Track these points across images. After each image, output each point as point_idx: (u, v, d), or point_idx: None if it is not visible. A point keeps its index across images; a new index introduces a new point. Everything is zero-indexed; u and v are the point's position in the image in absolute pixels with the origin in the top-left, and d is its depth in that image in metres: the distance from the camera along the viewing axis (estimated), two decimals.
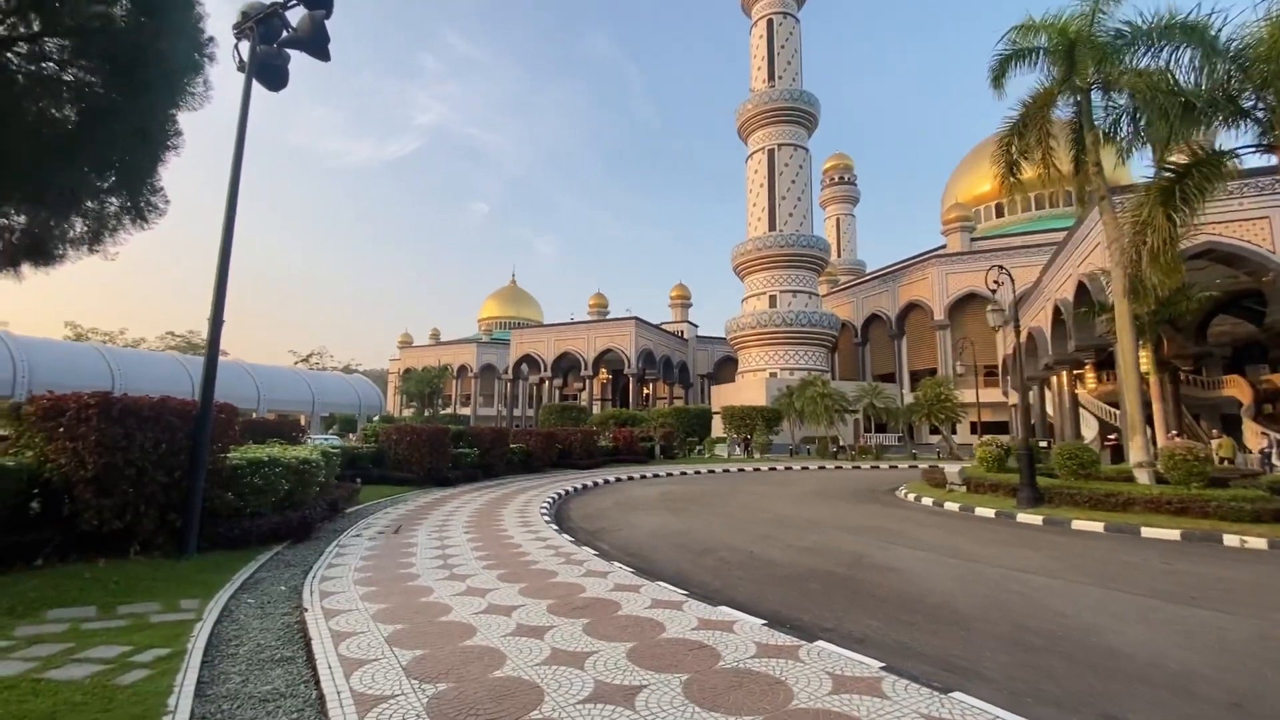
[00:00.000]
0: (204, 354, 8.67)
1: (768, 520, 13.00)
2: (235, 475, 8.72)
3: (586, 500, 16.78)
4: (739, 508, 15.21)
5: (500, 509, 13.52)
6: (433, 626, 5.35)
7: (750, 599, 6.78)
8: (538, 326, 74.24)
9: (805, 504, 16.08)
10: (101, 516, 6.98)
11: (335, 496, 12.31)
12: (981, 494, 15.79)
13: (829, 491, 19.43)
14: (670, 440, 36.16)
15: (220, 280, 8.34)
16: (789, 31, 60.51)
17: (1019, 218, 67.40)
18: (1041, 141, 18.26)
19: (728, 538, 10.81)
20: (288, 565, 7.99)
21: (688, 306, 79.96)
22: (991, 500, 14.88)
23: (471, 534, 10.23)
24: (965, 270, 54.20)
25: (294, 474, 9.93)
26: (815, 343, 55.64)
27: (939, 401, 38.06)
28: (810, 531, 11.54)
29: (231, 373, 40.32)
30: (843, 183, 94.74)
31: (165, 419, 7.57)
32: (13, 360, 25.97)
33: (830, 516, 13.72)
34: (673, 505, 15.50)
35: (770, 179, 57.72)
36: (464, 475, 19.76)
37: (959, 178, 73.93)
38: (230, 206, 8.46)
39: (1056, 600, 6.92)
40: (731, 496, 17.83)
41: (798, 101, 57.98)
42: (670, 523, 12.54)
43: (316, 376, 52.32)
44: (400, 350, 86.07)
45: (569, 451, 27.78)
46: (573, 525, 12.18)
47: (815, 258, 56.81)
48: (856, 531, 11.62)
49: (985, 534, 11.50)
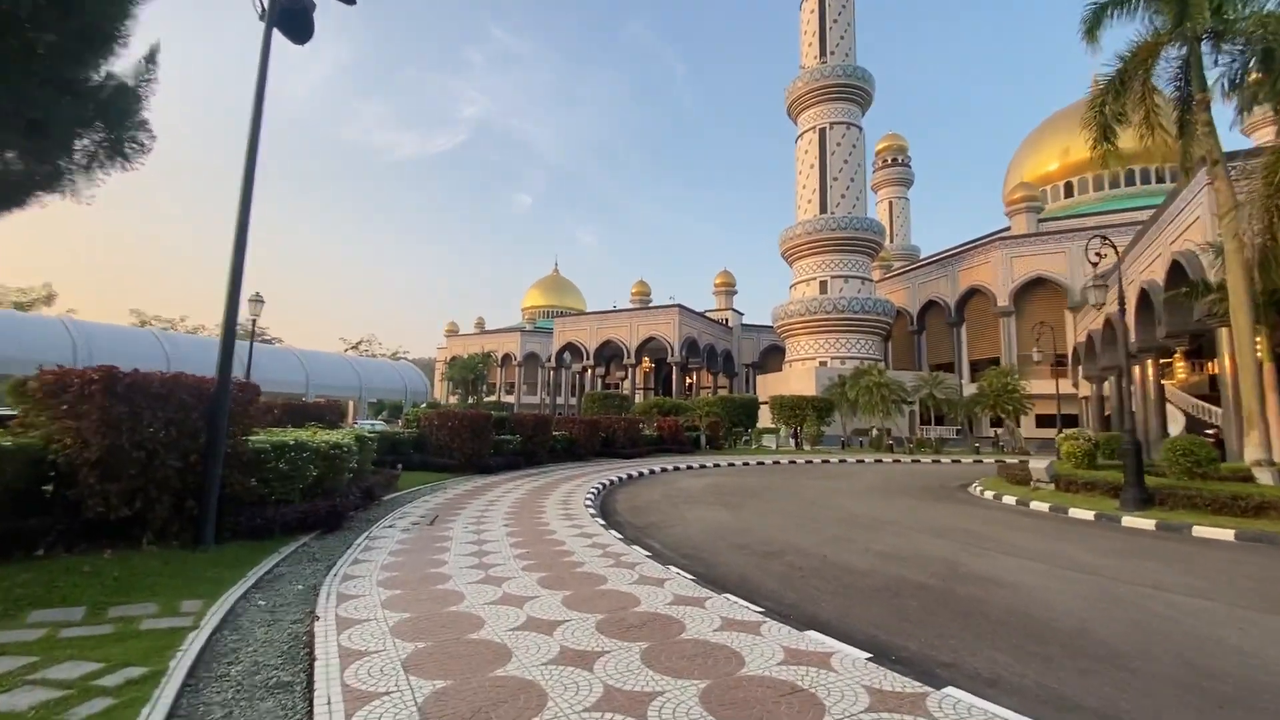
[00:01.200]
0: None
1: (834, 518, 11.76)
2: (258, 460, 8.05)
3: (632, 491, 15.82)
4: (799, 503, 13.99)
5: (542, 499, 12.68)
6: (460, 646, 4.42)
7: (837, 618, 5.65)
8: (580, 315, 73.70)
9: (871, 500, 14.73)
10: (107, 503, 6.34)
11: (371, 483, 11.68)
12: (1074, 493, 14.12)
13: (894, 487, 17.96)
14: (716, 430, 34.92)
15: (239, 245, 7.60)
16: (842, 5, 57.69)
17: (1089, 197, 63.13)
18: (1146, 99, 16.17)
19: (793, 538, 9.64)
20: (312, 559, 7.26)
21: (732, 294, 78.07)
22: (1087, 500, 13.23)
23: (511, 527, 9.37)
24: (1032, 253, 50.89)
25: (323, 459, 9.25)
26: (868, 330, 53.27)
27: (1005, 392, 35.64)
28: (886, 533, 10.27)
29: (280, 358, 40.98)
30: (896, 164, 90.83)
31: (178, 397, 6.89)
32: (73, 344, 26.64)
33: (904, 515, 12.38)
34: (726, 499, 14.38)
35: (821, 159, 55.33)
36: (506, 462, 19.10)
37: (1023, 157, 69.68)
38: (249, 166, 7.71)
39: (1224, 630, 5.55)
40: (787, 490, 16.59)
41: (851, 78, 55.31)
42: (725, 519, 11.44)
43: (363, 363, 52.97)
44: (447, 338, 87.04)
45: (612, 440, 26.93)
46: (620, 519, 11.22)
47: (869, 241, 54.28)
48: (940, 534, 10.28)
49: (1092, 540, 10.00)
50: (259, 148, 7.84)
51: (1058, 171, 65.71)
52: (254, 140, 7.79)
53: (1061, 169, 65.57)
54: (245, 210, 7.66)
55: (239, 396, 7.77)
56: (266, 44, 8.04)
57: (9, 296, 51.11)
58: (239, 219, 7.61)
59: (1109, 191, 62.49)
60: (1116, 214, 54.87)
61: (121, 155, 5.57)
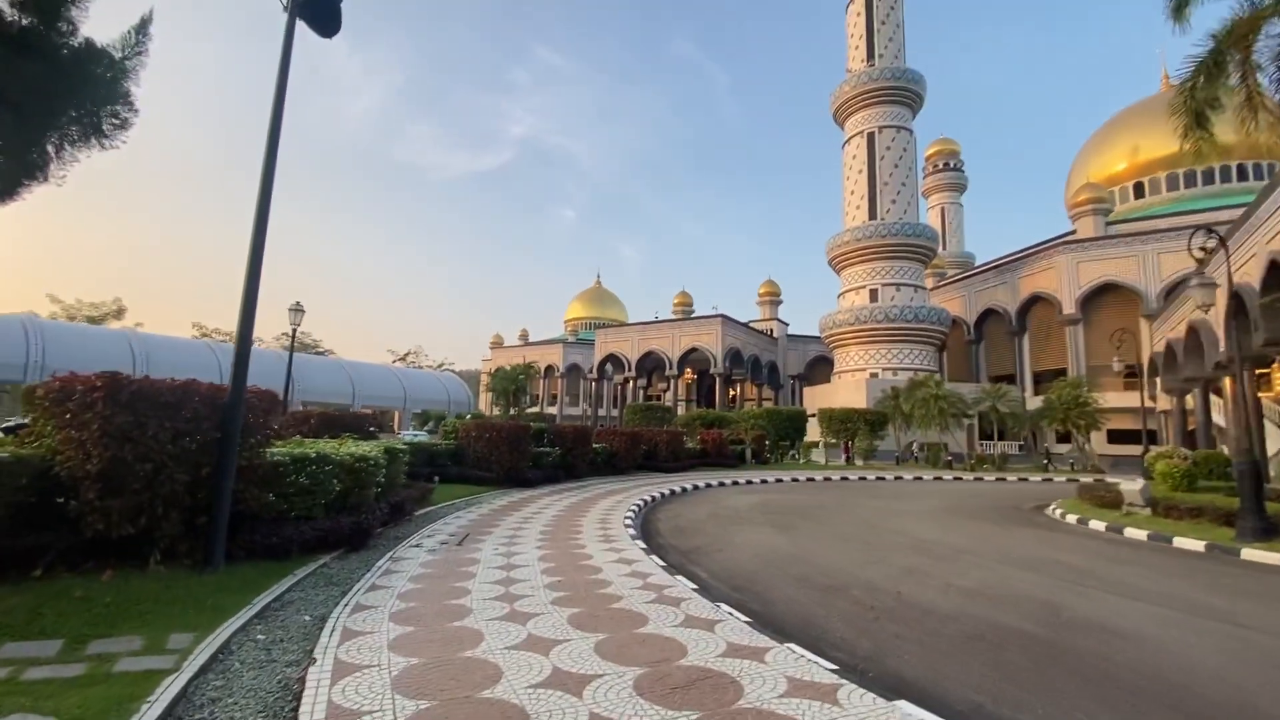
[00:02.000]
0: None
1: (901, 545, 10.59)
2: (277, 474, 7.54)
3: (675, 509, 14.91)
4: (858, 525, 12.82)
5: (579, 517, 11.92)
6: (470, 707, 3.66)
7: (928, 678, 4.65)
8: (622, 326, 73.26)
9: (940, 524, 13.42)
10: (108, 520, 5.87)
11: (402, 498, 11.13)
12: (1175, 519, 12.50)
13: (961, 508, 16.51)
14: (762, 444, 33.62)
15: (255, 246, 7.13)
16: (890, 6, 56.07)
17: (1162, 198, 59.33)
18: (1247, 77, 14.49)
19: (858, 568, 8.59)
20: (328, 583, 6.66)
21: (777, 304, 76.35)
22: (1194, 529, 11.64)
23: (544, 549, 8.62)
24: (1101, 258, 47.78)
25: (348, 473, 8.72)
26: (922, 340, 50.98)
27: (1076, 405, 33.17)
28: (965, 564, 9.08)
29: (328, 369, 41.83)
30: (948, 169, 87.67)
31: (189, 406, 6.41)
32: (133, 355, 27.59)
33: (980, 543, 11.10)
34: (777, 519, 13.33)
35: (870, 164, 53.59)
36: (545, 476, 18.48)
37: (1088, 157, 66.06)
38: (268, 165, 7.27)
39: None
40: (843, 510, 15.38)
41: (901, 80, 53.53)
42: (779, 543, 10.43)
43: (408, 373, 53.77)
44: (491, 350, 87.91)
45: (654, 453, 26.06)
46: (662, 542, 10.35)
47: (921, 248, 52.11)
48: (1028, 567, 9.04)
49: (1212, 578, 8.60)
50: (278, 146, 7.41)
51: (1126, 171, 62.05)
52: (273, 138, 7.36)
53: (1130, 169, 61.90)
54: (264, 211, 7.22)
55: (257, 405, 7.29)
56: (289, 35, 7.63)
57: (84, 311, 53.99)
58: (256, 220, 7.17)
59: (1184, 191, 58.62)
60: (1194, 215, 51.22)
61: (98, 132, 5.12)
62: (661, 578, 7.07)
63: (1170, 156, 59.91)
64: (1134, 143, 61.76)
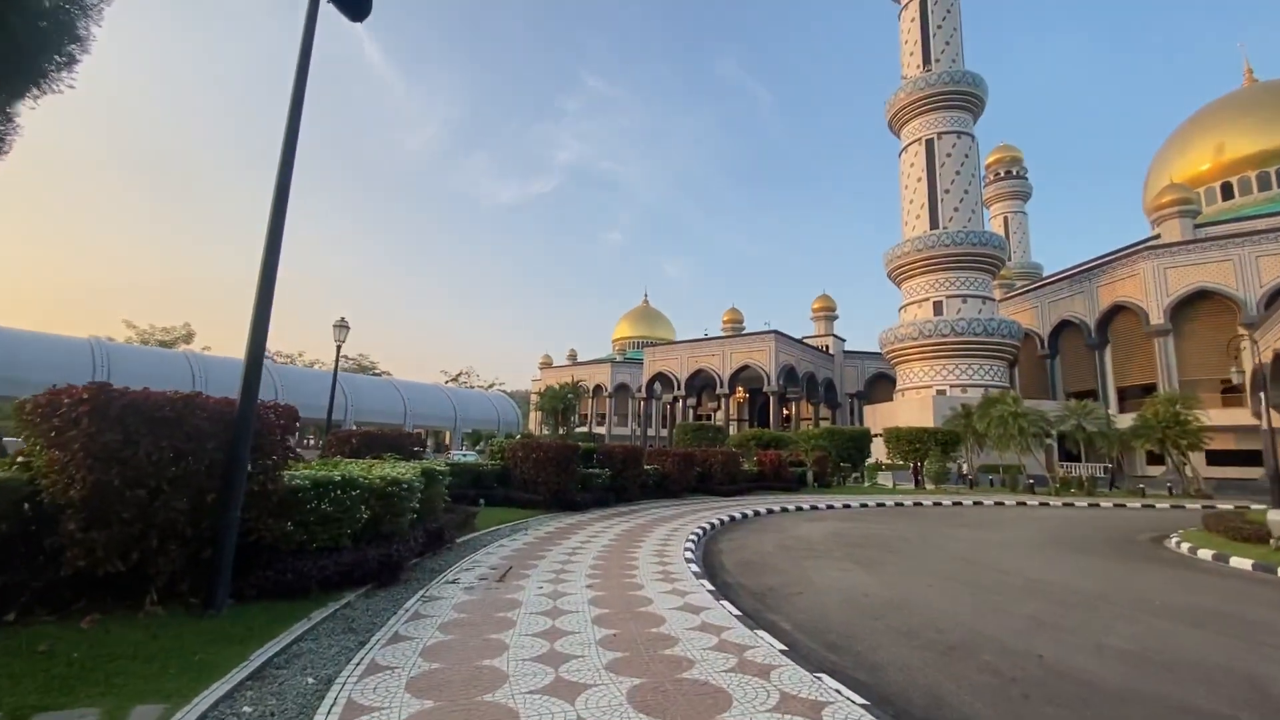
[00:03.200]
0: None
1: (1014, 587, 8.93)
2: (295, 499, 6.66)
3: (739, 539, 13.51)
4: (953, 562, 11.14)
5: (633, 548, 10.71)
6: None
7: None
8: (670, 344, 72.08)
9: (1048, 560, 11.58)
10: (92, 555, 5.04)
11: (442, 524, 10.17)
12: None
13: (1065, 540, 14.48)
14: (824, 466, 31.62)
15: (271, 245, 6.35)
16: (946, 9, 53.97)
17: (1254, 199, 54.67)
18: None
19: (974, 619, 7.06)
20: (346, 629, 5.68)
21: (833, 319, 73.74)
22: None
23: (596, 590, 7.44)
24: (1190, 263, 43.84)
25: (378, 498, 7.79)
26: (992, 355, 47.81)
27: (1176, 423, 29.94)
28: (1106, 615, 7.41)
29: (381, 389, 42.15)
30: (1011, 177, 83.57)
31: (191, 423, 5.59)
32: (192, 375, 28.14)
33: (1109, 585, 9.31)
34: (857, 553, 11.77)
35: (930, 172, 51.19)
36: (594, 499, 17.37)
37: (1167, 159, 61.67)
38: (286, 159, 6.51)
39: None
40: (930, 542, 13.64)
41: (960, 84, 51.17)
42: (867, 583, 8.94)
43: (459, 393, 53.94)
44: (541, 370, 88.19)
45: (708, 475, 24.62)
46: (729, 580, 9.01)
47: (988, 257, 49.18)
48: (1185, 619, 7.30)
49: None
50: (296, 143, 6.64)
51: (1211, 171, 57.54)
52: (292, 133, 6.60)
53: (1215, 168, 57.37)
54: (280, 209, 6.45)
55: (271, 421, 6.44)
56: (312, 17, 6.93)
57: (156, 335, 56.50)
58: (273, 211, 6.40)
59: (1278, 190, 53.76)
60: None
61: (38, 73, 4.37)
62: (739, 633, 5.77)
63: (1261, 154, 55.28)
64: (1218, 141, 57.32)
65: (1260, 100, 56.55)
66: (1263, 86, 58.93)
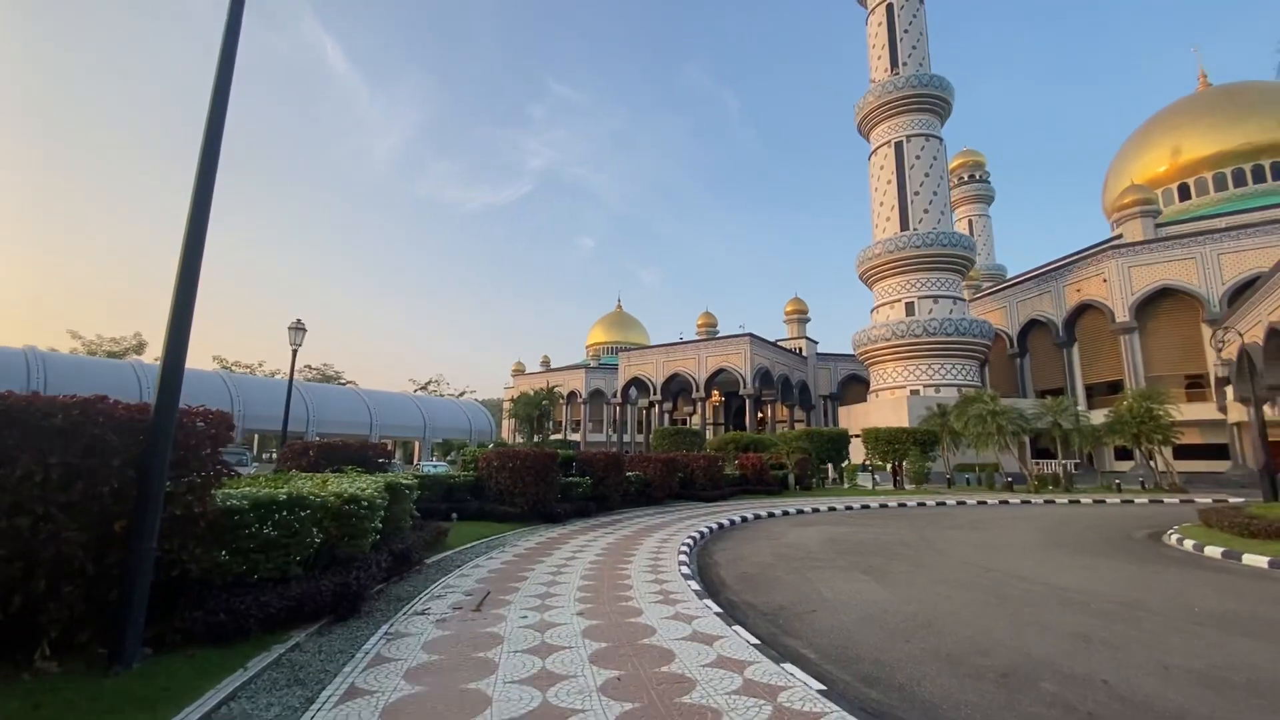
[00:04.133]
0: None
1: (1040, 597, 8.27)
2: (230, 523, 5.61)
3: (732, 548, 12.69)
4: (964, 568, 10.49)
5: (624, 564, 9.80)
6: None
7: None
8: (646, 348, 71.34)
9: (1059, 563, 11.02)
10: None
11: (409, 544, 9.10)
12: None
13: (1065, 540, 14.02)
14: (805, 468, 31.12)
15: (192, 242, 5.33)
16: (912, 14, 54.70)
17: (1210, 199, 56.34)
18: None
19: (1013, 637, 6.33)
20: (293, 680, 4.67)
21: (805, 321, 73.95)
22: None
23: (588, 619, 6.51)
24: (1154, 261, 44.85)
25: (333, 518, 6.77)
26: (964, 354, 48.20)
27: (1149, 419, 30.24)
28: (1154, 627, 6.76)
29: (345, 398, 40.40)
30: (974, 180, 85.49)
31: (90, 434, 4.52)
32: (140, 386, 26.27)
33: (1138, 590, 8.73)
34: (860, 561, 11.04)
35: (899, 174, 51.61)
36: (575, 509, 16.38)
37: (1126, 162, 63.35)
38: (208, 145, 5.50)
39: None
40: (931, 546, 13.01)
41: (928, 87, 51.79)
42: (882, 598, 8.18)
43: (428, 401, 52.22)
44: (514, 378, 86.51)
45: (691, 480, 23.82)
46: (734, 599, 8.16)
47: (958, 258, 49.68)
48: (1238, 629, 6.70)
49: None
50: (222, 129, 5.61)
51: (1168, 173, 59.22)
52: (216, 118, 5.59)
53: (1172, 170, 59.07)
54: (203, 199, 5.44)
55: (199, 431, 5.39)
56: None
57: (104, 346, 53.49)
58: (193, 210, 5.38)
59: (1234, 191, 55.61)
60: (1249, 213, 48.24)
61: None
62: (765, 669, 4.91)
63: (1217, 155, 57.15)
64: (1175, 144, 59.10)
65: (1215, 104, 58.45)
66: (1217, 90, 60.99)
